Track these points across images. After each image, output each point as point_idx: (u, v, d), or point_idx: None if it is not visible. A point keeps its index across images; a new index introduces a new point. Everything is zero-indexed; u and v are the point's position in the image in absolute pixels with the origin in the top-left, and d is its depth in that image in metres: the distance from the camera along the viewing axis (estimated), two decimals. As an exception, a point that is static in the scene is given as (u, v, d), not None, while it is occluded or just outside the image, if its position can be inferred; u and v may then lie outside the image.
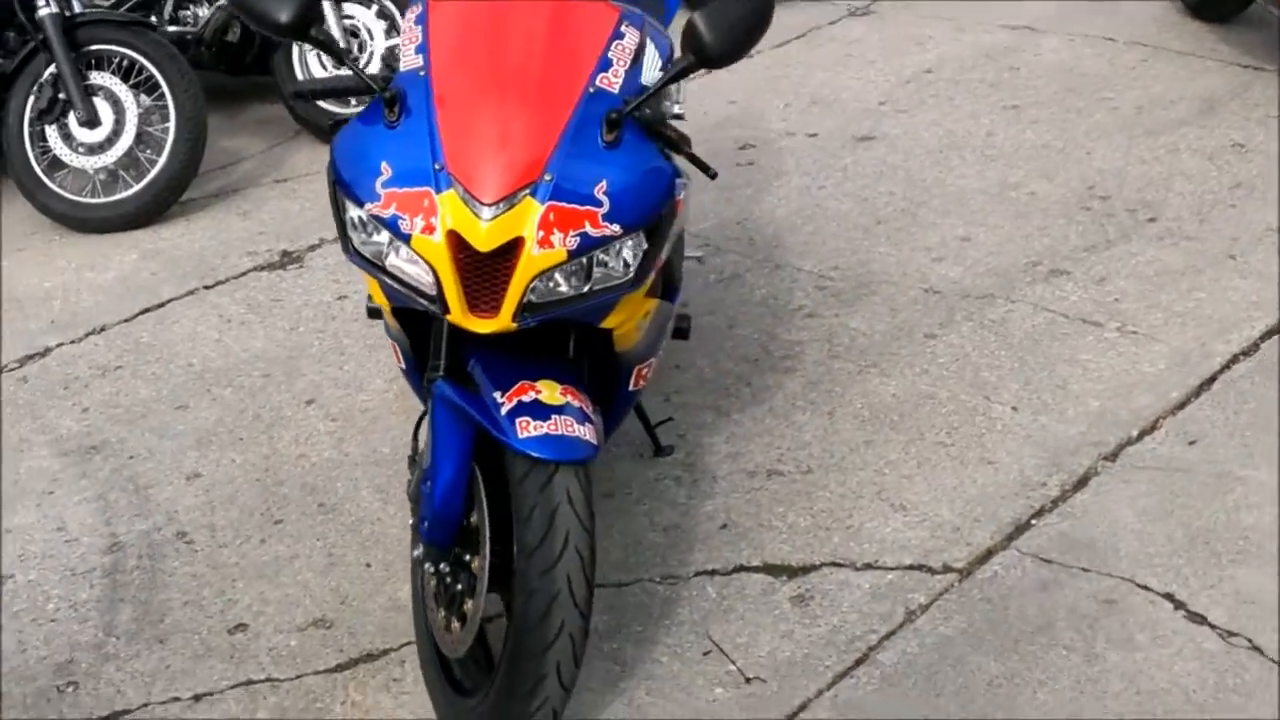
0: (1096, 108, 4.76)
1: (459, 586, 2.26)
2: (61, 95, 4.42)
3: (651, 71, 2.44)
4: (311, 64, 4.80)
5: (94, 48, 4.48)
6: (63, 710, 2.51)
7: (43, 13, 4.37)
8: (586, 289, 2.12)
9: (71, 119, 4.45)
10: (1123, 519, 2.80)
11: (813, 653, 2.53)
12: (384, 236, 2.11)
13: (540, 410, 2.11)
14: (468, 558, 2.23)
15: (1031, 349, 3.42)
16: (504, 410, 2.11)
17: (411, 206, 2.06)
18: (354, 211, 2.13)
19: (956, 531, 2.80)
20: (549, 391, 2.14)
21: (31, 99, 4.47)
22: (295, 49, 4.88)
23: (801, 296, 3.75)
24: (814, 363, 3.44)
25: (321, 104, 4.71)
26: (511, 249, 2.06)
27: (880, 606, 2.62)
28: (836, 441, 3.12)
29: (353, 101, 4.41)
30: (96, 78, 4.48)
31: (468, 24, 2.25)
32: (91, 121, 4.43)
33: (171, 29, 4.88)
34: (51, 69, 4.42)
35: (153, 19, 4.78)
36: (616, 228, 2.09)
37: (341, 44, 4.54)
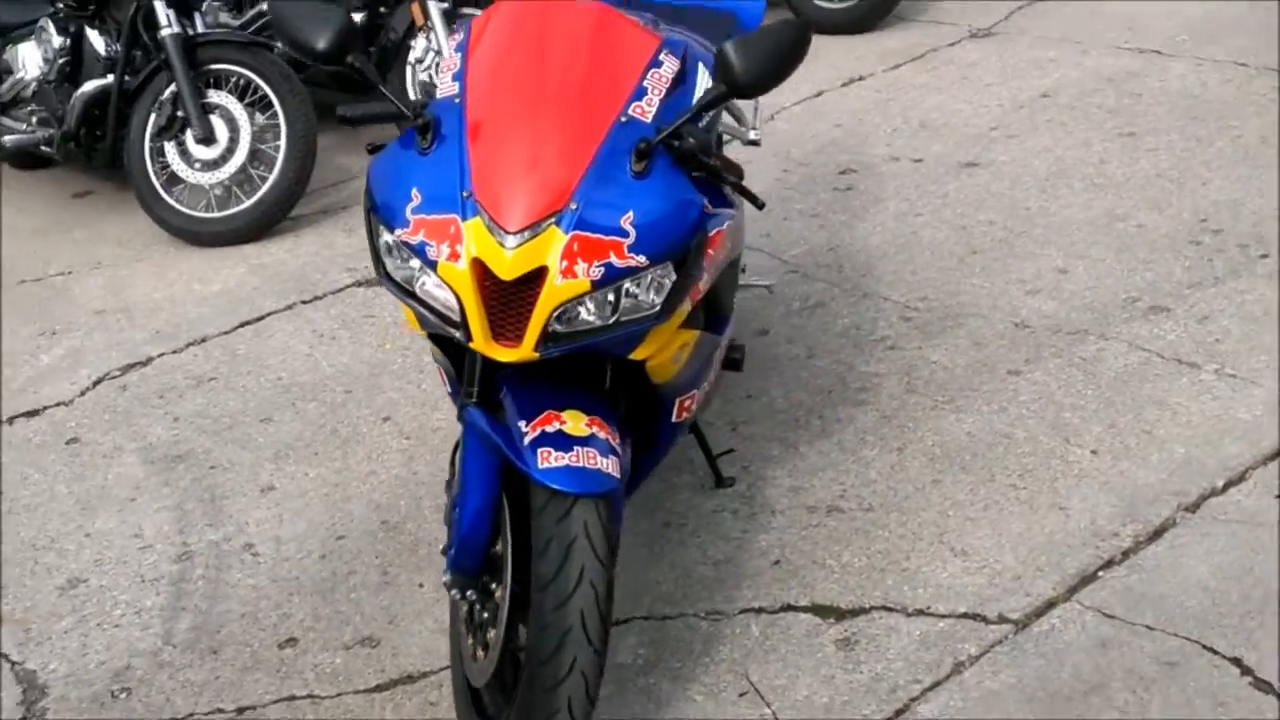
0: (1218, 136, 4.56)
1: (485, 615, 2.26)
2: (180, 113, 4.58)
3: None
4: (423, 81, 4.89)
5: (213, 67, 4.63)
6: (112, 715, 2.58)
7: (165, 33, 4.53)
8: (612, 320, 2.10)
9: (189, 136, 4.60)
10: (1196, 575, 2.66)
11: (852, 700, 2.46)
12: (415, 263, 2.13)
13: (563, 441, 2.10)
14: (493, 586, 2.23)
15: (1120, 389, 3.28)
16: (527, 440, 2.11)
17: (439, 233, 2.08)
18: (386, 236, 2.15)
19: (1017, 580, 2.70)
20: (574, 422, 2.13)
21: (153, 116, 4.64)
22: (408, 69, 4.98)
23: (885, 327, 3.67)
24: (889, 397, 3.36)
25: None
26: (535, 278, 2.05)
27: (928, 655, 2.54)
28: (903, 480, 3.04)
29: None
30: (214, 96, 4.62)
31: (506, 53, 2.25)
32: (207, 139, 4.58)
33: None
34: (172, 87, 4.58)
35: (271, 39, 4.92)
36: (642, 259, 2.07)
37: None
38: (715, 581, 2.78)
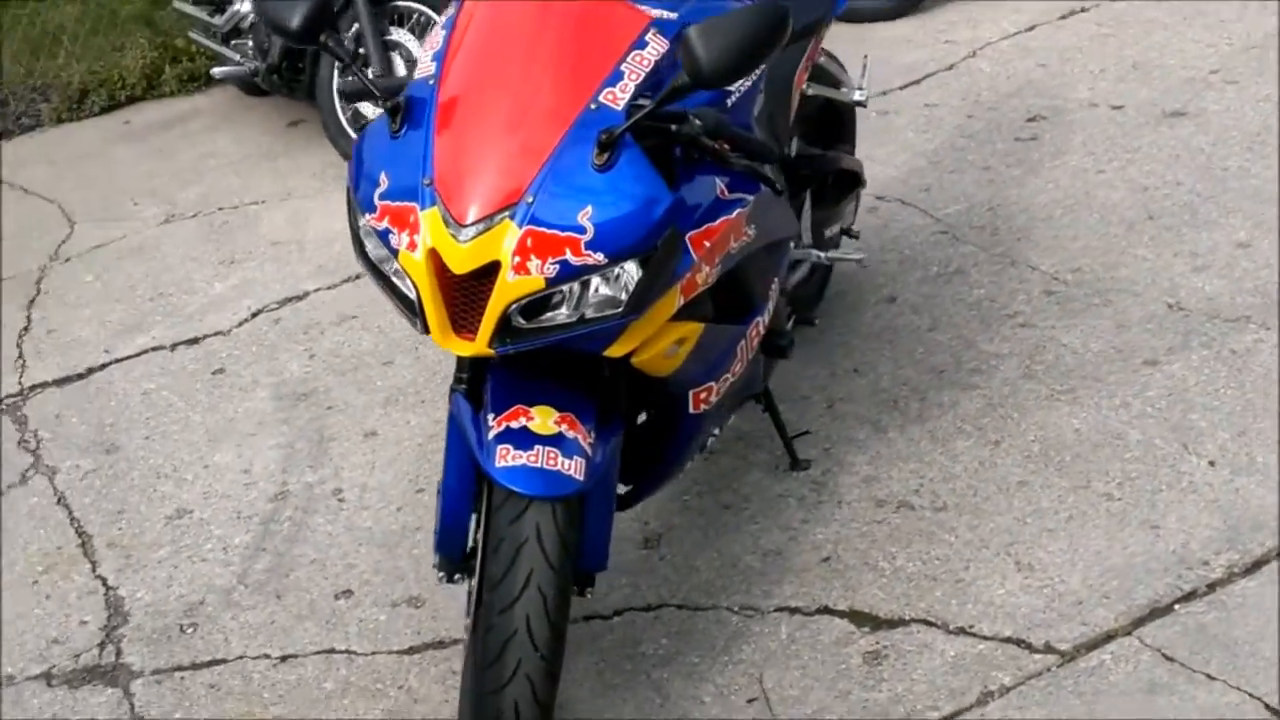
0: None
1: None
2: (361, 49, 4.69)
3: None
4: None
5: (396, 4, 4.71)
6: (174, 650, 2.74)
7: (351, -31, 4.64)
8: (577, 318, 2.01)
9: (369, 73, 4.71)
10: (1285, 619, 2.37)
11: None
12: (385, 249, 2.10)
13: (526, 439, 2.05)
14: (463, 577, 2.23)
15: (1265, 392, 2.94)
16: (491, 434, 2.07)
17: (400, 221, 2.03)
18: (360, 220, 2.13)
19: (1077, 605, 2.48)
20: (542, 419, 2.08)
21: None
22: None
23: (1022, 301, 3.40)
24: (1002, 381, 3.12)
25: None
26: (492, 272, 1.99)
27: (956, 680, 2.37)
28: (988, 478, 2.83)
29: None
30: (395, 34, 4.71)
31: (487, 34, 2.16)
32: (385, 76, 4.68)
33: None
34: (357, 24, 4.69)
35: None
36: (600, 257, 1.97)
37: None
38: (758, 574, 2.68)
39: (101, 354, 3.90)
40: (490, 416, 2.10)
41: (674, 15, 2.20)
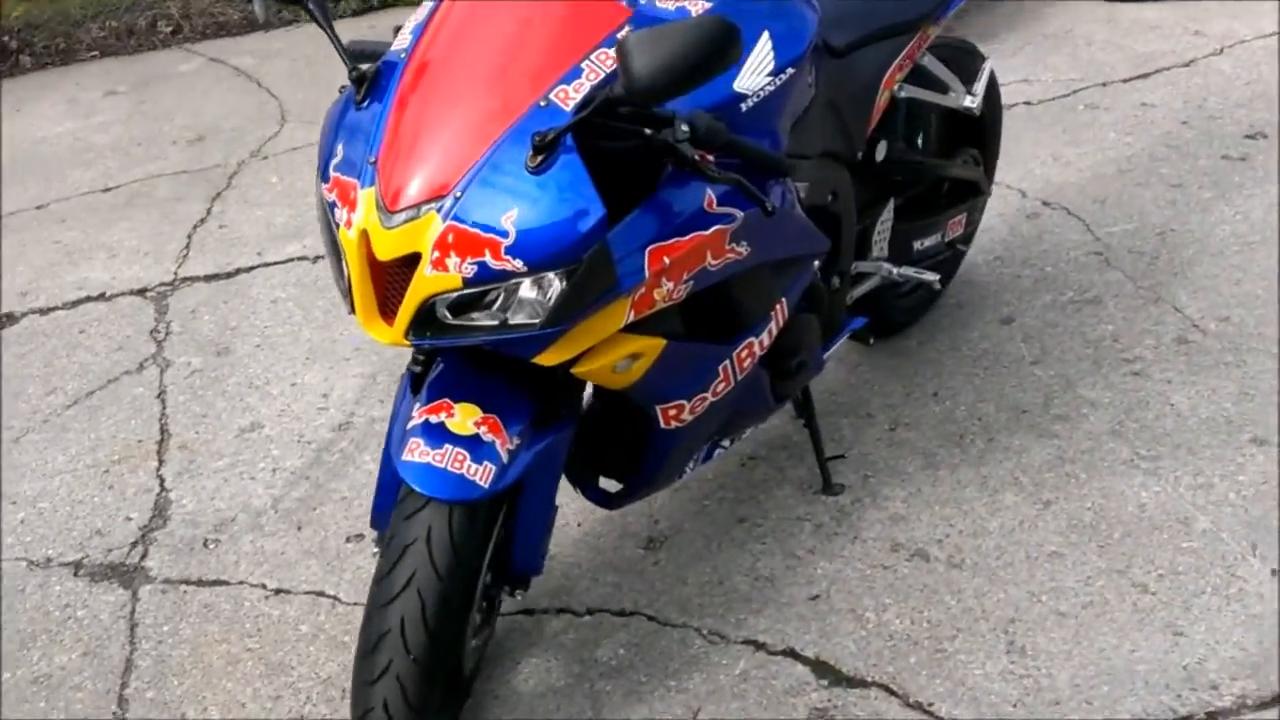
0: None
1: None
2: None
3: (754, 75, 2.10)
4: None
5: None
6: (190, 563, 2.85)
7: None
8: (498, 322, 1.92)
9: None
10: (1285, 773, 2.06)
11: (781, 780, 2.19)
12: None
13: (438, 436, 1.99)
14: None
15: (1380, 499, 2.54)
16: (410, 424, 2.03)
17: (344, 196, 1.99)
18: (318, 188, 2.10)
19: (1053, 705, 2.23)
20: (462, 418, 2.01)
21: None
22: None
23: (1148, 346, 3.06)
24: (1086, 434, 2.82)
25: None
26: (415, 261, 1.92)
27: (892, 759, 2.19)
28: (1021, 541, 2.58)
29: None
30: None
31: (470, 9, 2.06)
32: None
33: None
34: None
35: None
36: (519, 264, 1.86)
37: None
38: (742, 599, 2.54)
39: (254, 256, 4.08)
40: (416, 406, 2.05)
41: (671, 6, 2.04)
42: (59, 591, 2.80)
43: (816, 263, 2.40)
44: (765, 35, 2.16)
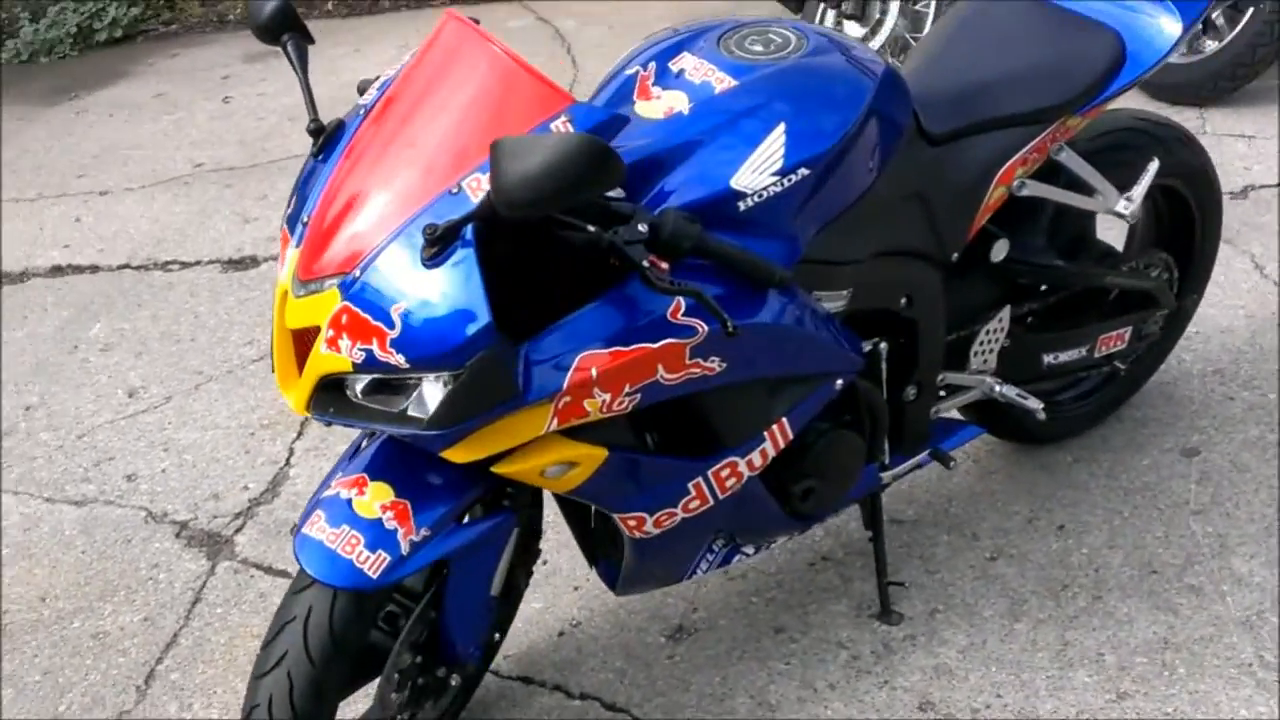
0: None
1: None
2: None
3: (756, 173, 1.86)
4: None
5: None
6: (270, 547, 2.92)
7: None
8: (397, 411, 1.80)
9: (844, 7, 4.40)
10: None
11: None
12: None
13: (341, 514, 1.91)
14: None
15: None
16: (324, 494, 1.96)
17: (284, 249, 1.93)
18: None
19: None
20: (372, 498, 1.91)
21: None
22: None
23: (1339, 521, 2.50)
24: (1209, 619, 2.36)
25: None
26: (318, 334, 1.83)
27: None
28: (1068, 736, 2.19)
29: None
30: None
31: (435, 68, 1.89)
32: (857, 17, 4.36)
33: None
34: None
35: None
36: (401, 359, 1.73)
37: None
38: (731, 724, 2.32)
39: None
40: (337, 474, 1.98)
41: (590, 105, 1.81)
42: (156, 550, 2.97)
43: (840, 381, 2.10)
44: (779, 129, 1.90)
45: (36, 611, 2.81)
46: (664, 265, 1.78)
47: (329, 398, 1.84)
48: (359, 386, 1.82)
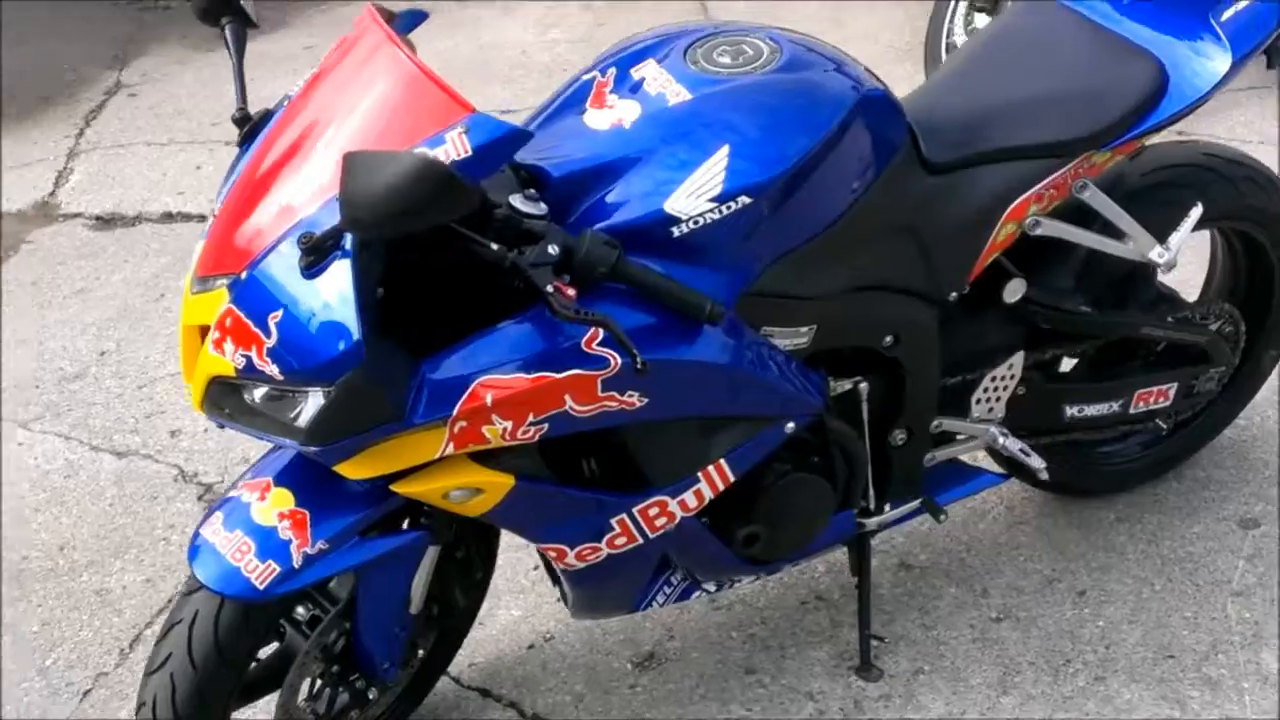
0: None
1: None
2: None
3: (690, 198, 1.71)
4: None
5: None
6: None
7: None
8: (281, 421, 1.72)
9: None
10: None
11: None
12: None
13: (239, 518, 1.84)
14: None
15: None
16: (229, 494, 1.90)
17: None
18: None
19: None
20: (272, 505, 1.84)
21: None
22: None
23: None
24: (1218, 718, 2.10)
25: None
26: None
27: None
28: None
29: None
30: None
31: (335, 74, 1.79)
32: (988, 9, 4.09)
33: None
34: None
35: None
36: (275, 370, 1.64)
37: None
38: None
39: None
40: (248, 475, 1.92)
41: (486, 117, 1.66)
42: (175, 511, 2.99)
43: (791, 425, 1.92)
44: (722, 151, 1.73)
45: (54, 560, 2.86)
46: (570, 291, 1.65)
47: (227, 398, 1.77)
48: (257, 392, 1.75)
